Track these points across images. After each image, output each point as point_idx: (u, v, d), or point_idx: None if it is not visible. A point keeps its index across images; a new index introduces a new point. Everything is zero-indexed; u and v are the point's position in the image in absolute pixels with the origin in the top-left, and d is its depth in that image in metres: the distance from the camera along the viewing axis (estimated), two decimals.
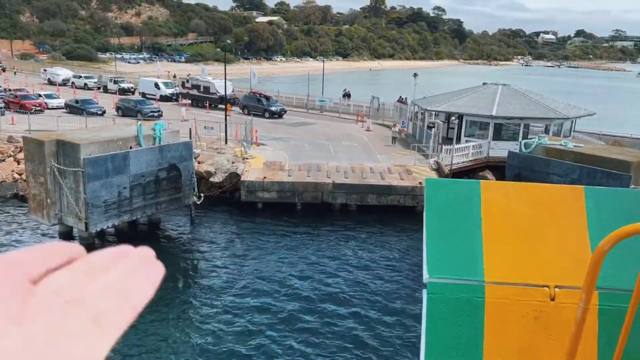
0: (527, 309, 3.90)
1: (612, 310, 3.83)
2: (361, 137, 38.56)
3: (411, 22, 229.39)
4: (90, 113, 42.71)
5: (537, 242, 4.12)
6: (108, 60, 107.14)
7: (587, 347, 3.77)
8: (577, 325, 2.79)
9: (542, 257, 4.05)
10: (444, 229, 4.23)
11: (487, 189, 4.39)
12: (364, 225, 25.75)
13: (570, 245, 4.08)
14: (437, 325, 3.92)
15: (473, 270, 3.99)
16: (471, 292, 3.94)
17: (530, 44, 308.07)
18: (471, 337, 3.90)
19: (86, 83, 62.85)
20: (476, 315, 3.91)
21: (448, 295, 3.94)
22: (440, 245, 4.13)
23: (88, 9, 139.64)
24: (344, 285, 20.10)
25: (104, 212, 19.95)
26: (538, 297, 3.91)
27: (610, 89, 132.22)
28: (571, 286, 3.84)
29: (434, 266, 3.99)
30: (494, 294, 3.92)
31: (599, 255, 2.60)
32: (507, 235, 4.17)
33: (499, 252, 4.08)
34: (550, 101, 33.95)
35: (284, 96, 55.44)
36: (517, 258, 4.06)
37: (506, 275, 3.97)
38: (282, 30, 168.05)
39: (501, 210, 4.27)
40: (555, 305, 3.88)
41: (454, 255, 4.08)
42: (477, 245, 4.10)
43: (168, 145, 22.21)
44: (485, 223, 4.19)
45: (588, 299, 2.72)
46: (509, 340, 3.90)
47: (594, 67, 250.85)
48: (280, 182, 26.50)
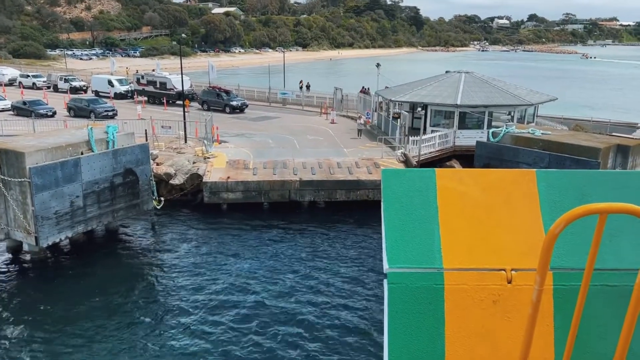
0: (486, 293, 3.96)
1: (566, 289, 3.92)
2: (326, 130, 37.76)
3: (369, 10, 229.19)
4: (39, 115, 40.43)
5: (493, 226, 4.17)
6: (58, 57, 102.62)
7: (544, 326, 3.86)
8: (533, 307, 2.84)
9: (497, 241, 4.10)
10: (401, 218, 4.24)
11: (442, 177, 4.40)
12: (333, 222, 25.06)
13: (524, 228, 4.14)
14: (399, 314, 3.95)
15: (431, 258, 4.03)
16: (430, 280, 3.97)
17: (485, 30, 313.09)
18: (433, 324, 3.94)
19: (34, 82, 59.76)
20: (437, 302, 3.95)
21: (408, 284, 3.97)
22: (399, 235, 4.15)
23: (34, 4, 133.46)
24: (316, 283, 19.58)
25: (56, 224, 18.53)
26: (495, 280, 3.96)
27: (565, 71, 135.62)
28: (527, 268, 3.91)
29: (393, 256, 4.03)
30: (453, 280, 3.97)
31: (551, 238, 2.63)
32: (464, 222, 4.21)
33: (456, 239, 4.13)
34: (513, 87, 33.93)
35: (244, 90, 54.06)
36: (474, 243, 4.10)
37: (464, 261, 4.01)
38: (240, 21, 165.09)
39: (456, 197, 4.30)
40: (512, 287, 3.94)
41: (413, 244, 4.10)
42: (435, 233, 4.14)
43: (123, 148, 20.84)
44: (442, 210, 4.24)
45: (542, 280, 2.75)
46: (470, 324, 3.95)
47: (547, 50, 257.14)
48: (245, 181, 25.45)
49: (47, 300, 17.65)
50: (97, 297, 17.85)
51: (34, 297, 17.88)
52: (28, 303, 17.55)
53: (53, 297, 17.84)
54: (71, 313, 16.86)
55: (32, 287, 18.55)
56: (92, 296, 17.91)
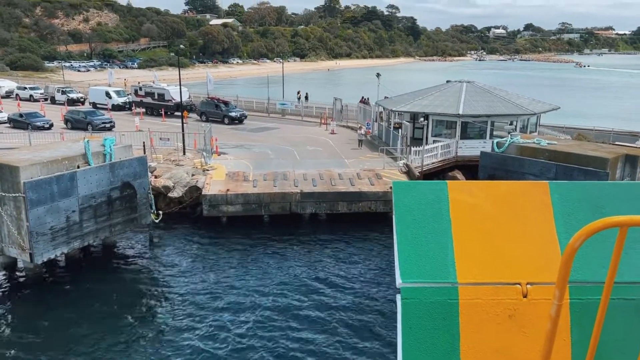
0: (501, 308, 3.90)
1: (584, 304, 3.84)
2: (326, 141, 37.36)
3: (366, 20, 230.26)
4: (36, 127, 40.04)
5: (507, 239, 4.12)
6: (56, 69, 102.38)
7: (561, 341, 3.76)
8: (552, 322, 2.77)
9: (512, 254, 4.05)
10: (414, 232, 4.18)
11: (454, 189, 4.36)
12: (335, 235, 24.57)
13: (538, 241, 4.09)
14: (412, 329, 3.89)
15: (445, 272, 3.98)
16: (445, 295, 3.92)
17: (482, 39, 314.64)
18: (447, 339, 3.87)
19: (32, 94, 59.37)
20: (451, 317, 3.89)
21: (422, 299, 3.91)
22: (412, 249, 4.09)
23: (32, 16, 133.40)
24: (318, 297, 19.16)
25: (51, 240, 18.00)
26: (511, 295, 3.91)
27: (562, 80, 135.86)
28: (543, 282, 3.85)
29: (406, 270, 3.98)
30: (467, 294, 3.92)
31: (570, 253, 2.58)
32: (477, 235, 4.15)
33: (469, 252, 4.07)
34: (515, 97, 33.61)
35: (243, 100, 53.74)
36: (488, 257, 4.04)
37: (478, 275, 3.96)
38: (237, 32, 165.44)
39: (469, 210, 4.25)
40: (528, 302, 3.89)
41: (426, 258, 4.05)
42: (448, 246, 4.09)
43: (120, 162, 20.37)
44: (455, 223, 4.19)
45: (561, 295, 2.69)
46: (485, 340, 3.88)
47: (544, 59, 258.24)
48: (244, 194, 24.96)
49: (42, 318, 17.09)
50: (93, 315, 17.30)
51: (29, 315, 17.32)
52: (23, 321, 16.99)
53: (48, 315, 17.28)
54: (67, 331, 16.30)
55: (26, 305, 17.98)
56: (89, 314, 17.36)
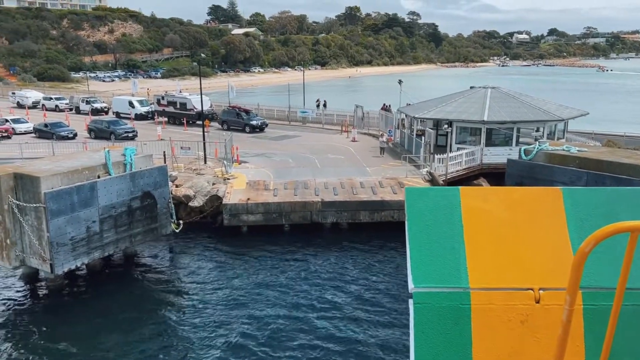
0: (513, 313, 3.90)
1: (597, 309, 3.83)
2: (347, 149, 36.94)
3: (387, 28, 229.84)
4: (60, 137, 40.56)
5: (519, 245, 4.12)
6: (81, 80, 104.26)
7: (574, 347, 3.76)
8: (564, 328, 2.79)
9: (524, 260, 4.04)
10: (426, 237, 4.19)
11: (466, 195, 4.35)
12: (357, 244, 24.09)
13: (551, 247, 4.09)
14: (425, 334, 3.88)
15: (457, 278, 3.97)
16: (457, 300, 3.92)
17: (505, 45, 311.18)
18: (460, 344, 3.87)
19: (57, 105, 60.37)
20: (463, 322, 3.88)
21: (434, 304, 3.91)
22: (424, 254, 4.10)
23: (59, 28, 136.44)
24: (342, 310, 18.70)
25: (72, 251, 17.93)
26: (523, 300, 3.90)
27: (588, 85, 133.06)
28: (555, 287, 3.85)
29: (418, 275, 3.99)
30: (480, 300, 3.91)
31: (580, 258, 2.59)
32: (489, 240, 4.16)
33: (482, 258, 4.07)
34: (542, 102, 32.74)
35: (264, 109, 53.74)
36: (500, 262, 4.04)
37: (490, 281, 3.96)
38: (259, 41, 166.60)
39: (482, 216, 4.25)
40: (540, 307, 3.88)
41: (438, 263, 4.06)
42: (460, 252, 4.09)
43: (140, 171, 20.27)
44: (467, 229, 4.19)
45: (573, 301, 2.70)
46: (498, 345, 3.87)
47: (569, 64, 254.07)
48: (265, 203, 24.68)
49: (63, 328, 16.98)
50: (114, 325, 17.13)
51: (50, 325, 17.22)
52: (44, 332, 16.90)
53: (69, 325, 17.16)
54: (87, 342, 16.16)
55: (47, 316, 17.90)
56: (109, 324, 17.20)
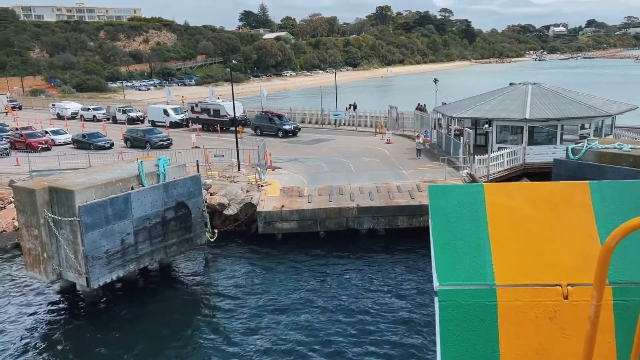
0: (541, 310, 3.85)
1: (627, 305, 3.76)
2: (382, 151, 36.12)
3: (419, 26, 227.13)
4: (97, 147, 41.18)
5: (546, 241, 4.07)
6: (118, 89, 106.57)
7: (605, 343, 3.70)
8: (592, 323, 2.75)
9: (551, 255, 3.98)
10: (450, 235, 4.15)
11: (490, 192, 4.32)
12: (394, 251, 23.31)
13: (579, 242, 4.01)
14: (451, 332, 3.83)
15: (483, 275, 3.93)
16: (483, 297, 3.88)
17: (541, 38, 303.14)
18: (486, 341, 3.82)
19: (95, 115, 61.65)
20: (490, 319, 3.84)
21: (460, 302, 3.87)
22: (448, 251, 4.07)
23: (96, 39, 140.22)
24: (377, 318, 18.03)
25: (107, 264, 17.81)
26: (551, 296, 3.85)
27: (629, 77, 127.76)
28: (584, 283, 3.79)
29: (443, 273, 3.95)
30: (506, 296, 3.88)
31: (607, 251, 2.55)
32: (515, 237, 4.11)
33: (507, 254, 4.03)
34: (587, 97, 31.15)
35: (296, 113, 53.38)
36: (527, 259, 3.99)
37: (517, 277, 3.91)
38: (290, 45, 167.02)
39: (506, 212, 4.21)
40: (569, 303, 3.83)
41: (463, 260, 4.01)
42: (485, 248, 4.05)
43: (174, 181, 20.05)
44: (492, 226, 4.16)
45: (600, 296, 2.65)
46: (525, 342, 3.82)
47: (610, 56, 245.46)
48: (299, 210, 24.17)
49: (100, 342, 16.86)
50: (150, 338, 16.92)
51: (86, 339, 17.14)
52: (81, 346, 16.81)
53: (105, 339, 17.04)
54: (124, 356, 15.95)
55: (84, 329, 17.83)
56: (145, 337, 17.00)
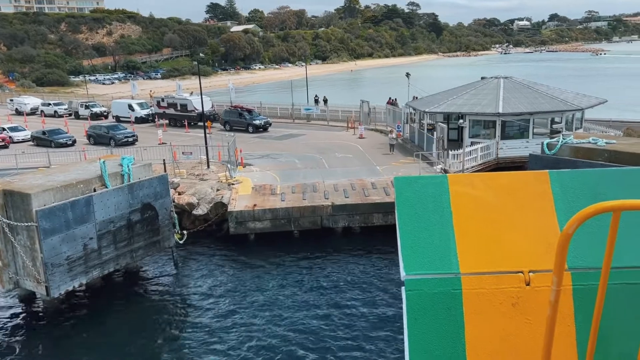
0: (504, 296, 3.97)
1: (586, 289, 3.92)
2: (355, 147, 35.60)
3: (387, 19, 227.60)
4: (59, 144, 39.42)
5: (508, 229, 4.21)
6: (81, 84, 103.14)
7: (565, 327, 3.86)
8: (552, 308, 2.85)
9: (513, 243, 4.13)
10: (416, 225, 4.25)
11: (454, 182, 4.46)
12: (370, 249, 22.84)
13: (540, 229, 4.17)
14: (418, 321, 3.95)
15: (448, 263, 4.06)
16: (448, 285, 4.00)
17: (506, 32, 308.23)
18: (452, 329, 3.93)
19: (56, 110, 59.25)
20: (455, 307, 3.95)
21: (426, 290, 3.99)
22: (414, 241, 4.17)
23: (57, 32, 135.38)
24: (352, 315, 17.62)
25: (68, 271, 16.72)
26: (513, 283, 3.98)
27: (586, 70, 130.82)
28: (545, 270, 3.94)
29: (409, 263, 4.07)
30: (471, 284, 3.99)
31: (565, 238, 2.64)
32: (478, 226, 4.24)
33: (471, 243, 4.16)
34: (558, 91, 31.26)
35: (267, 107, 52.41)
36: (490, 247, 4.13)
37: (481, 265, 4.04)
38: (258, 37, 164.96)
39: (470, 202, 4.34)
40: (531, 289, 3.96)
41: (428, 250, 4.14)
42: (450, 238, 4.18)
43: (139, 182, 19.02)
44: (456, 215, 4.28)
45: (559, 281, 2.76)
46: (490, 329, 3.95)
47: (572, 49, 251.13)
48: (272, 209, 23.42)
49: (61, 354, 15.83)
50: (117, 349, 15.95)
51: (47, 350, 16.07)
52: (40, 357, 15.74)
53: (68, 350, 16.00)
54: None
55: (45, 341, 16.72)
56: (112, 347, 16.02)
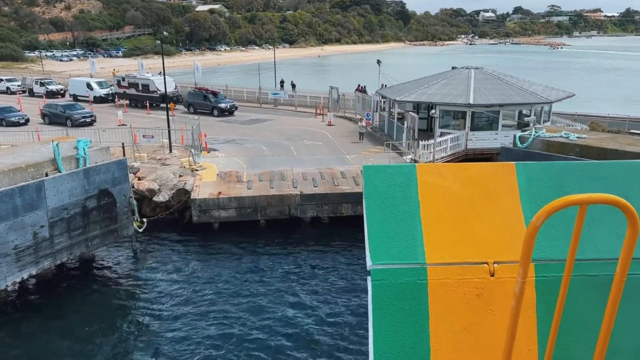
0: (469, 287, 3.93)
1: (548, 281, 3.92)
2: (324, 134, 34.88)
3: (355, 5, 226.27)
4: (10, 123, 37.23)
5: (474, 220, 4.18)
6: (36, 59, 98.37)
7: (527, 318, 3.87)
8: (516, 299, 2.82)
9: (479, 234, 4.11)
10: (383, 214, 4.20)
11: (423, 172, 4.37)
12: (339, 240, 22.32)
13: (505, 221, 4.17)
14: (383, 310, 3.90)
15: (414, 254, 4.02)
16: (414, 275, 3.94)
17: (472, 23, 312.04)
18: (417, 319, 3.90)
19: (8, 87, 56.22)
20: (420, 297, 3.91)
21: (392, 280, 3.93)
22: (381, 231, 4.12)
23: (12, 4, 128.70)
24: (320, 311, 17.03)
25: (16, 261, 15.50)
26: (478, 274, 3.94)
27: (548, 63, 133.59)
28: (509, 261, 3.93)
29: (376, 253, 4.02)
30: (436, 275, 3.95)
31: (532, 231, 2.63)
32: (445, 216, 4.20)
33: (438, 234, 4.12)
34: (527, 84, 31.29)
35: (233, 90, 51.04)
36: (456, 238, 4.10)
37: (446, 256, 4.01)
38: (225, 18, 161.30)
39: (438, 192, 4.29)
40: (495, 280, 3.93)
41: (395, 240, 4.08)
42: (417, 228, 4.12)
43: (96, 166, 17.81)
44: (423, 205, 4.24)
45: (525, 273, 2.73)
46: (454, 319, 3.91)
47: (535, 42, 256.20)
48: (238, 197, 22.54)
49: (10, 351, 14.69)
50: (70, 344, 14.93)
51: None
52: None
53: (17, 347, 14.87)
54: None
55: None
56: (65, 343, 14.98)
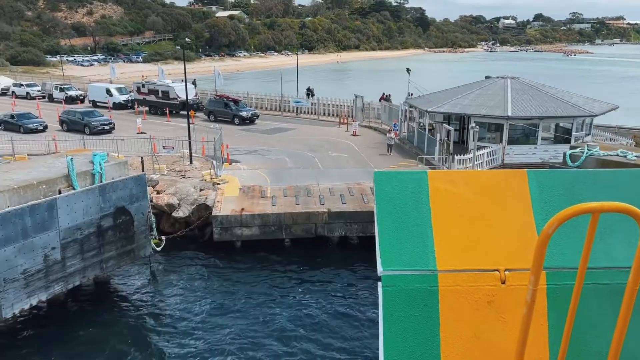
0: (480, 294, 4.00)
1: (559, 289, 3.95)
2: (349, 145, 33.41)
3: (374, 11, 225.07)
4: (28, 130, 36.44)
5: (485, 227, 4.24)
6: (57, 64, 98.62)
7: (538, 325, 3.93)
8: (528, 307, 2.78)
9: (490, 241, 4.18)
10: (394, 221, 4.24)
11: (434, 178, 4.45)
12: (369, 262, 20.71)
13: (517, 228, 4.22)
14: (394, 317, 3.90)
15: (425, 260, 4.08)
16: (424, 282, 3.99)
17: (491, 30, 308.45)
18: (427, 325, 3.90)
19: (28, 92, 55.78)
20: (431, 304, 3.95)
21: (402, 287, 3.97)
22: (393, 237, 4.17)
23: (35, 9, 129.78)
24: (348, 335, 15.69)
25: (25, 287, 14.26)
26: (489, 281, 4.03)
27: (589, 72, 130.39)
28: (521, 268, 4.01)
29: (387, 259, 4.14)
30: (447, 281, 4.01)
31: (544, 239, 2.58)
32: (456, 223, 4.26)
33: (449, 240, 4.17)
34: (568, 95, 29.49)
35: (254, 98, 49.86)
36: (467, 244, 4.16)
37: (457, 263, 4.09)
38: (244, 24, 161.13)
39: (449, 199, 4.35)
40: (506, 288, 3.99)
41: (406, 246, 4.12)
42: (428, 234, 4.19)
43: (113, 182, 16.56)
44: (434, 212, 4.30)
45: (536, 281, 2.67)
46: (464, 325, 3.92)
47: (556, 50, 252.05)
48: (262, 214, 21.15)
49: None
50: None
51: None
52: None
53: None
54: None
55: None
56: None
